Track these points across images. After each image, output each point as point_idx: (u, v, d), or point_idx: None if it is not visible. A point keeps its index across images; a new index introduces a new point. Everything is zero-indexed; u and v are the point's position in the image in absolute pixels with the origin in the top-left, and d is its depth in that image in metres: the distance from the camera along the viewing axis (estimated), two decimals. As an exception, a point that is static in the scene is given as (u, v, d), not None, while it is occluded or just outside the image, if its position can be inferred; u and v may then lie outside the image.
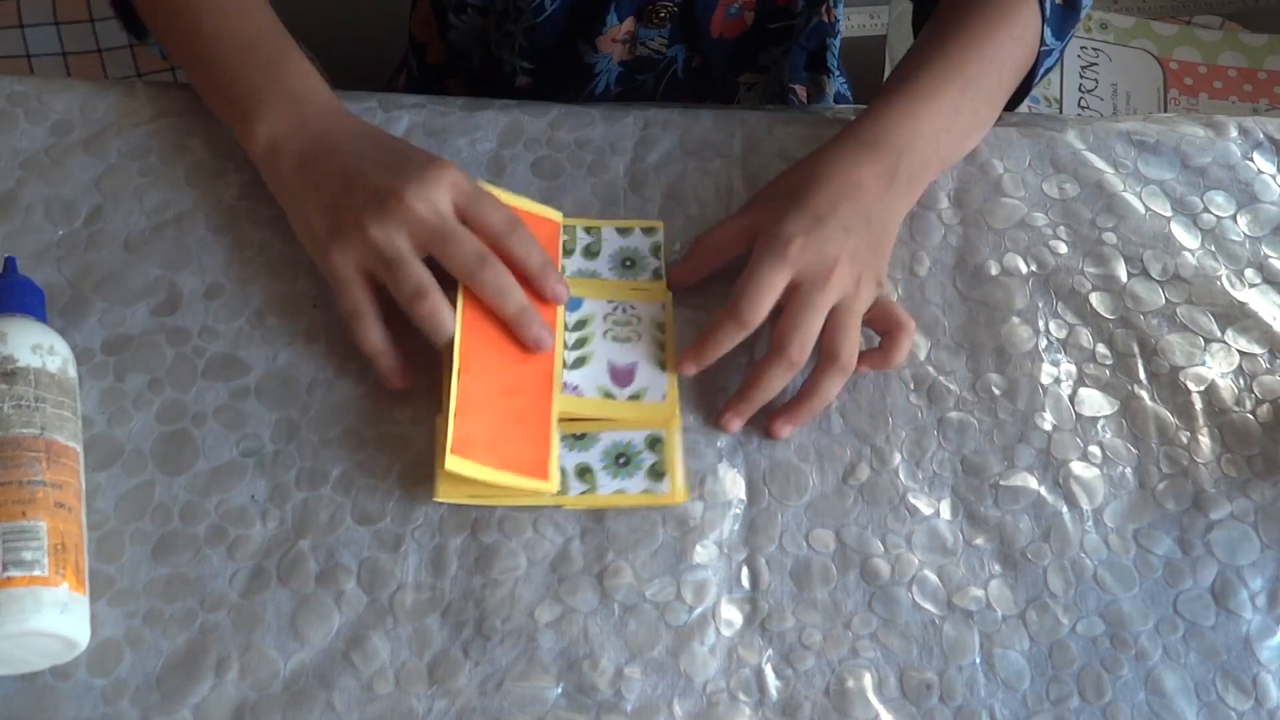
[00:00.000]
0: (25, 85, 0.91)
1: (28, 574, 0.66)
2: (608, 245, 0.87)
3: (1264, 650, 0.74)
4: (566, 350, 0.82)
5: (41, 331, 0.75)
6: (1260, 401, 0.84)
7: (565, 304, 0.83)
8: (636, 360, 0.82)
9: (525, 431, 0.77)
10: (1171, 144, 0.95)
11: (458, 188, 0.78)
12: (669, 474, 0.78)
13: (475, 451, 0.74)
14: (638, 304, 0.84)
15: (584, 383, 0.81)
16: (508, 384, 0.78)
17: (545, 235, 0.84)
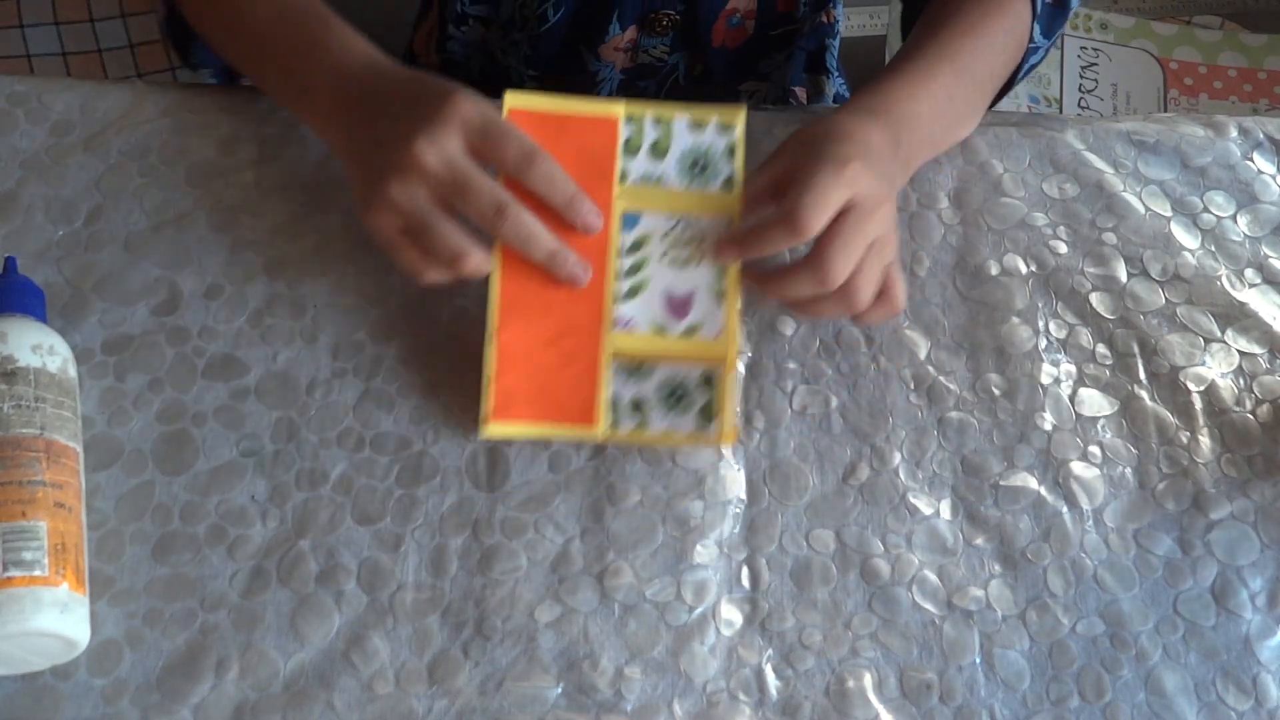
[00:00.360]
0: (25, 85, 0.91)
1: (28, 574, 0.66)
2: (677, 142, 0.80)
3: (1264, 650, 0.75)
4: (619, 280, 0.79)
5: (41, 331, 0.75)
6: (1260, 401, 0.84)
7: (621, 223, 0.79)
8: (694, 288, 0.79)
9: (572, 375, 0.77)
10: (1171, 144, 0.95)
11: (468, 125, 0.74)
12: (719, 416, 0.78)
13: (517, 409, 0.76)
14: (703, 218, 0.79)
15: (637, 315, 0.78)
16: (554, 329, 0.77)
17: (600, 142, 0.79)
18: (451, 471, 0.78)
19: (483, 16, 1.06)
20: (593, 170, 0.78)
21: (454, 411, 0.80)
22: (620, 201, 0.79)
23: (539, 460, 0.79)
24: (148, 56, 1.47)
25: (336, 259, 0.85)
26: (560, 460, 0.79)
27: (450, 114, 0.74)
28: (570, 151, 0.77)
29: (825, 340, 0.84)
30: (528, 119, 0.77)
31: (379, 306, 0.83)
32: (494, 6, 1.05)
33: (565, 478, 0.78)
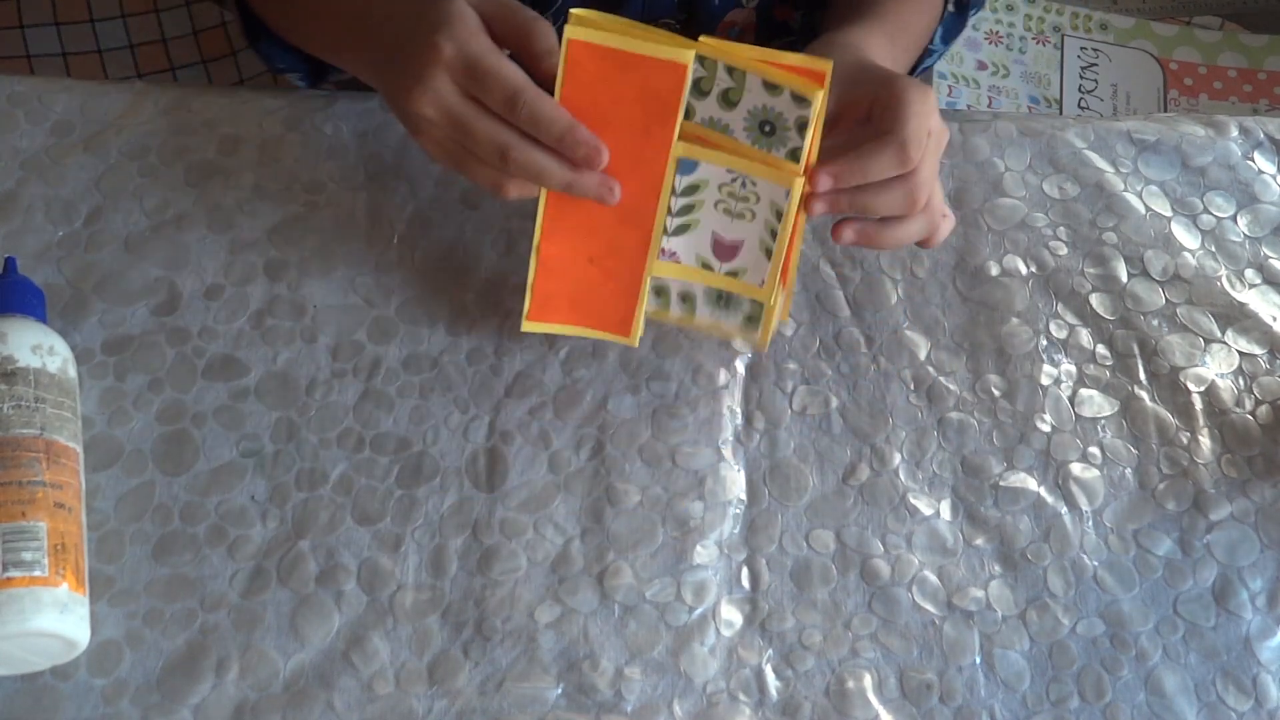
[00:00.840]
0: (25, 85, 0.91)
1: (28, 574, 0.66)
2: (750, 98, 0.74)
3: (1264, 651, 0.75)
4: (670, 216, 0.77)
5: (41, 332, 0.75)
6: (1260, 402, 0.84)
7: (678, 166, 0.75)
8: (743, 238, 0.77)
9: (613, 290, 0.78)
10: (1172, 143, 0.95)
11: (452, 69, 0.72)
12: (763, 325, 0.79)
13: (555, 312, 0.79)
14: (760, 181, 0.75)
15: (683, 250, 0.78)
16: (599, 248, 0.77)
17: (666, 85, 0.72)
18: (451, 472, 0.78)
19: None
20: (656, 110, 0.73)
21: (454, 412, 0.80)
22: (679, 145, 0.74)
23: (539, 461, 0.79)
24: (147, 57, 1.47)
25: (336, 260, 0.85)
26: (560, 461, 0.79)
27: (434, 61, 0.72)
28: (633, 90, 0.72)
29: (825, 341, 0.85)
30: (588, 52, 0.71)
31: (379, 307, 0.83)
32: None
33: (565, 478, 0.78)
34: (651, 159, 0.74)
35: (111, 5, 1.48)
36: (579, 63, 0.71)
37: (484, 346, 0.82)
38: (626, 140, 0.73)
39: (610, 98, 0.72)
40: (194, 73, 1.46)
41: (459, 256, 0.85)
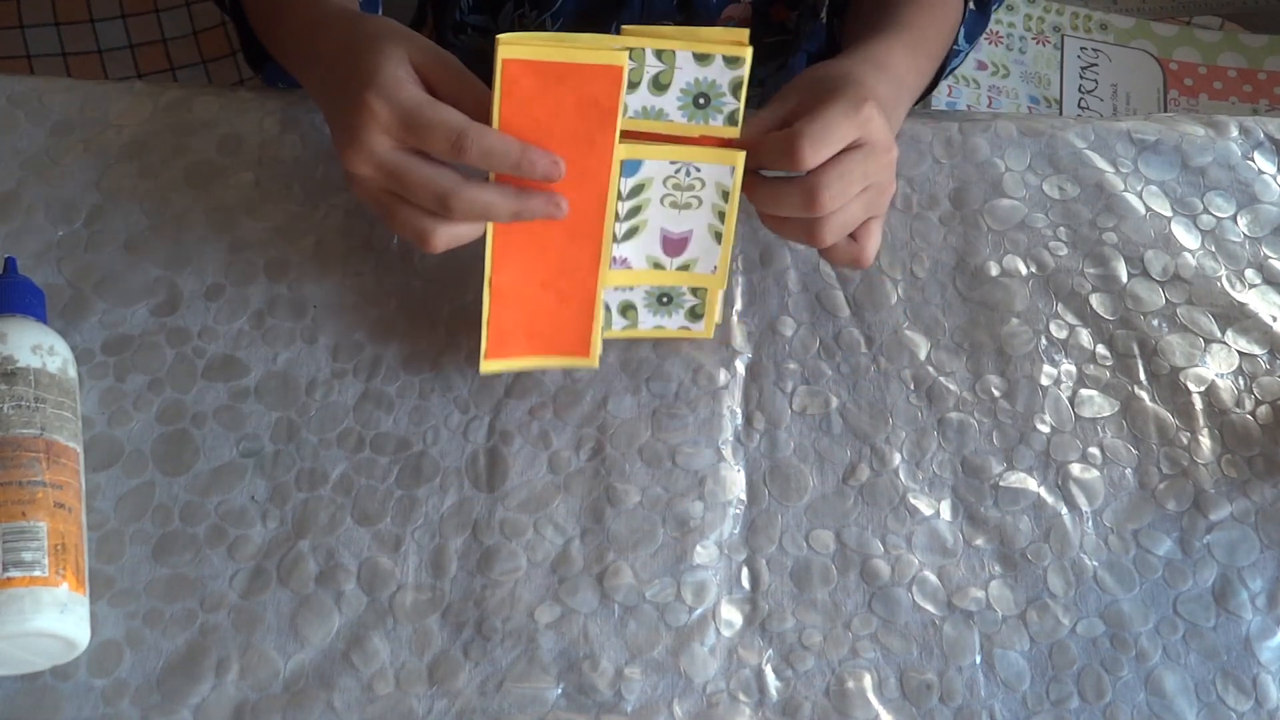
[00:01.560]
0: (26, 85, 0.92)
1: (28, 574, 0.66)
2: (681, 76, 0.73)
3: (1264, 651, 0.75)
4: (618, 222, 0.77)
5: (41, 332, 0.75)
6: (1260, 402, 0.84)
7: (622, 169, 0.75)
8: (692, 229, 0.78)
9: (568, 312, 0.78)
10: (1172, 143, 0.95)
11: (387, 126, 0.71)
12: (707, 316, 0.80)
13: (512, 345, 0.78)
14: (704, 166, 0.76)
15: (633, 254, 0.79)
16: (550, 271, 0.77)
17: (603, 89, 0.72)
18: (451, 472, 0.78)
19: (481, 26, 1.06)
20: (595, 117, 0.73)
21: (454, 412, 0.80)
22: (620, 147, 0.74)
23: (539, 461, 0.79)
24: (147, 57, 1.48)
25: (336, 260, 0.85)
26: (560, 461, 0.79)
27: (365, 121, 0.71)
28: (570, 100, 0.72)
29: (825, 341, 0.85)
30: (523, 70, 0.71)
31: (379, 307, 0.83)
32: (492, 16, 1.05)
33: (565, 478, 0.78)
34: (596, 168, 0.74)
35: (112, 6, 1.48)
36: (515, 81, 0.71)
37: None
38: (570, 153, 0.72)
39: (549, 112, 0.72)
40: (194, 73, 1.47)
41: (458, 257, 0.85)
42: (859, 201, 0.75)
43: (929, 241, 0.89)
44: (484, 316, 0.77)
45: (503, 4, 1.04)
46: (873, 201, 0.76)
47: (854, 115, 0.73)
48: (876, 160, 0.75)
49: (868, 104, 0.74)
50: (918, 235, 0.89)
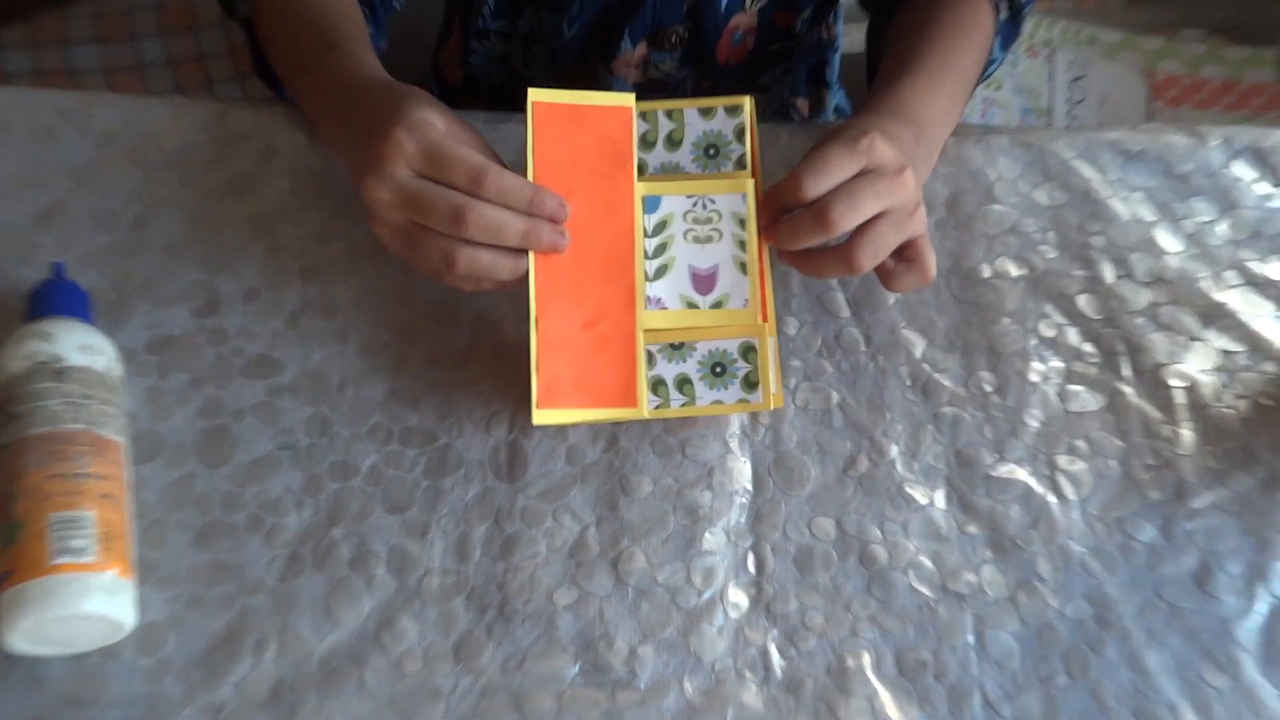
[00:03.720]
0: (72, 100, 0.92)
1: (77, 560, 0.67)
2: (690, 131, 0.79)
3: (1241, 631, 0.75)
4: (648, 260, 0.78)
5: (88, 332, 0.76)
6: (1240, 397, 0.84)
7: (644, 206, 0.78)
8: (718, 263, 0.78)
9: (611, 358, 0.77)
10: (1156, 152, 0.95)
11: (410, 159, 0.73)
12: (762, 383, 0.77)
13: (561, 397, 0.76)
14: (718, 197, 0.79)
15: (666, 294, 0.78)
16: (590, 313, 0.77)
17: (618, 129, 0.78)
18: (475, 464, 0.78)
19: (503, 32, 1.07)
20: (613, 155, 0.78)
21: (477, 407, 0.80)
22: (640, 184, 0.78)
23: (557, 453, 0.79)
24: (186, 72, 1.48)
25: (366, 264, 0.85)
26: (577, 453, 0.79)
27: (390, 151, 0.73)
28: (591, 139, 0.78)
29: (826, 340, 0.85)
30: (550, 112, 0.77)
31: (406, 308, 0.84)
32: (513, 22, 1.06)
33: (582, 470, 0.79)
34: (621, 204, 0.78)
35: (152, 23, 1.48)
36: (544, 122, 0.77)
37: (506, 344, 0.83)
38: (596, 191, 0.77)
39: (574, 152, 0.77)
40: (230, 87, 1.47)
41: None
42: (884, 224, 0.76)
43: (925, 245, 0.89)
44: (532, 362, 0.75)
45: (522, 10, 1.05)
46: (900, 223, 0.76)
47: (851, 147, 0.75)
48: (886, 182, 0.75)
49: (866, 136, 0.75)
50: (914, 240, 0.90)
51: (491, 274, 0.74)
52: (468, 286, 0.76)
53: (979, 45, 0.93)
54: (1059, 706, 0.72)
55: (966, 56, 0.92)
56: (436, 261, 0.74)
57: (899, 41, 0.94)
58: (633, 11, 1.02)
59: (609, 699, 0.71)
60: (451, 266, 0.73)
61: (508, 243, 0.73)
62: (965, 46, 0.92)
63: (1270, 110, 1.68)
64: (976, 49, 0.93)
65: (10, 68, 1.46)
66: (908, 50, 0.91)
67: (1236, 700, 0.72)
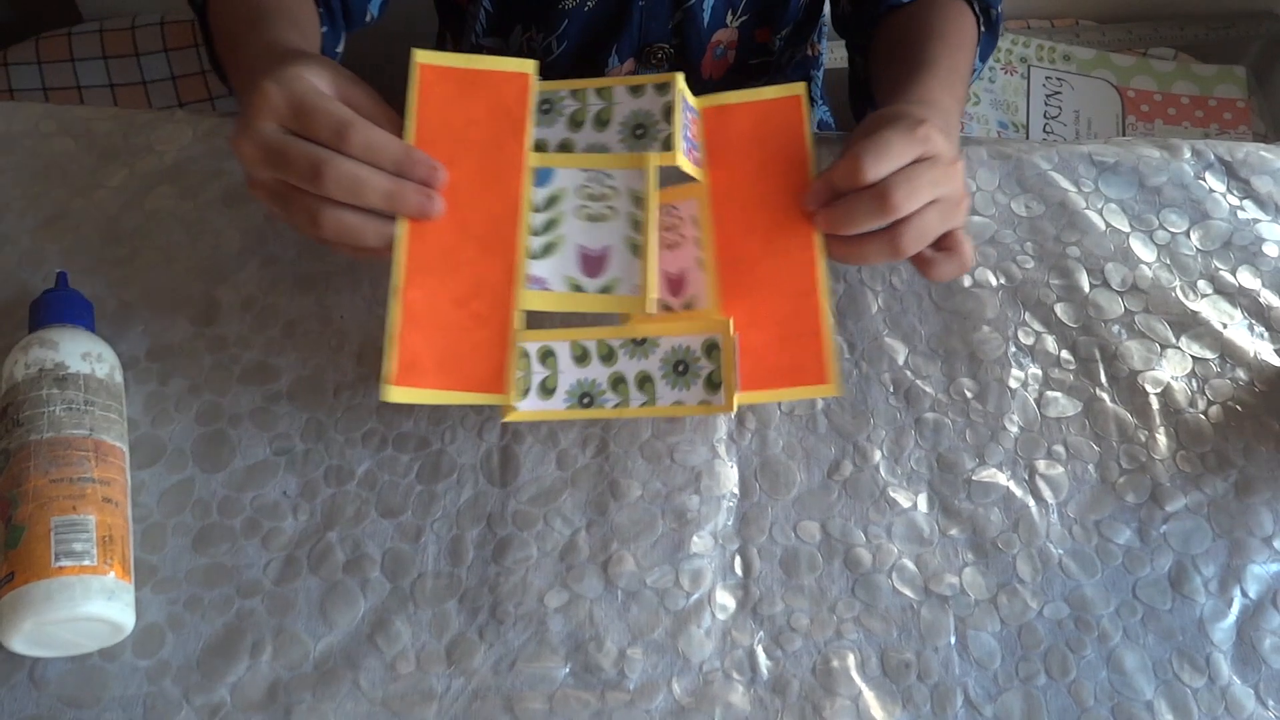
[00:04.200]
0: (76, 114, 0.92)
1: (78, 563, 0.66)
2: (619, 110, 0.72)
3: (1216, 632, 0.74)
4: (532, 236, 0.71)
5: (90, 340, 0.75)
6: (1212, 402, 0.84)
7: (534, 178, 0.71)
8: (609, 244, 0.71)
9: (483, 339, 0.70)
10: (1130, 165, 0.95)
11: (277, 112, 0.67)
12: (725, 384, 0.73)
13: (421, 376, 0.69)
14: (616, 173, 0.71)
15: (550, 275, 0.70)
16: (464, 288, 0.70)
17: (512, 96, 0.71)
18: (467, 468, 0.78)
19: (495, 49, 1.06)
20: (505, 123, 0.71)
21: (469, 413, 0.80)
22: (532, 155, 0.71)
23: (548, 458, 0.79)
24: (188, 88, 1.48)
25: (360, 274, 0.85)
26: (567, 458, 0.79)
27: (257, 103, 0.67)
28: (481, 106, 0.71)
29: (811, 347, 0.84)
30: (437, 75, 0.70)
31: (401, 317, 0.83)
32: (504, 39, 1.06)
33: (572, 474, 0.78)
34: (508, 175, 0.71)
35: (155, 41, 1.48)
36: (430, 86, 0.70)
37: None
38: (481, 159, 0.70)
39: (462, 119, 0.71)
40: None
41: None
42: (933, 211, 0.73)
43: (906, 255, 0.89)
44: (391, 334, 0.69)
45: (513, 28, 1.05)
46: (947, 212, 0.74)
47: (911, 134, 0.72)
48: (942, 170, 0.73)
49: (924, 125, 0.73)
50: (896, 250, 0.89)
51: (358, 238, 0.68)
52: (343, 251, 0.70)
53: (971, 51, 0.93)
54: (1039, 706, 0.71)
55: (965, 63, 0.91)
56: (304, 221, 0.68)
57: (904, 45, 0.92)
58: (620, 29, 1.01)
59: (599, 700, 0.70)
60: (317, 226, 0.67)
61: (370, 202, 0.67)
62: (963, 54, 0.92)
63: (1238, 125, 1.68)
64: (970, 55, 0.93)
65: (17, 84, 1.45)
66: (918, 52, 0.89)
67: (1212, 699, 0.72)
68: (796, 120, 0.76)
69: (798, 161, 0.75)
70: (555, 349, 0.75)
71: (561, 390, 0.75)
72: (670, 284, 0.76)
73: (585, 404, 0.75)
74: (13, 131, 0.90)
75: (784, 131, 0.75)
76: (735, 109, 0.76)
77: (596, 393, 0.75)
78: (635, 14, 1.01)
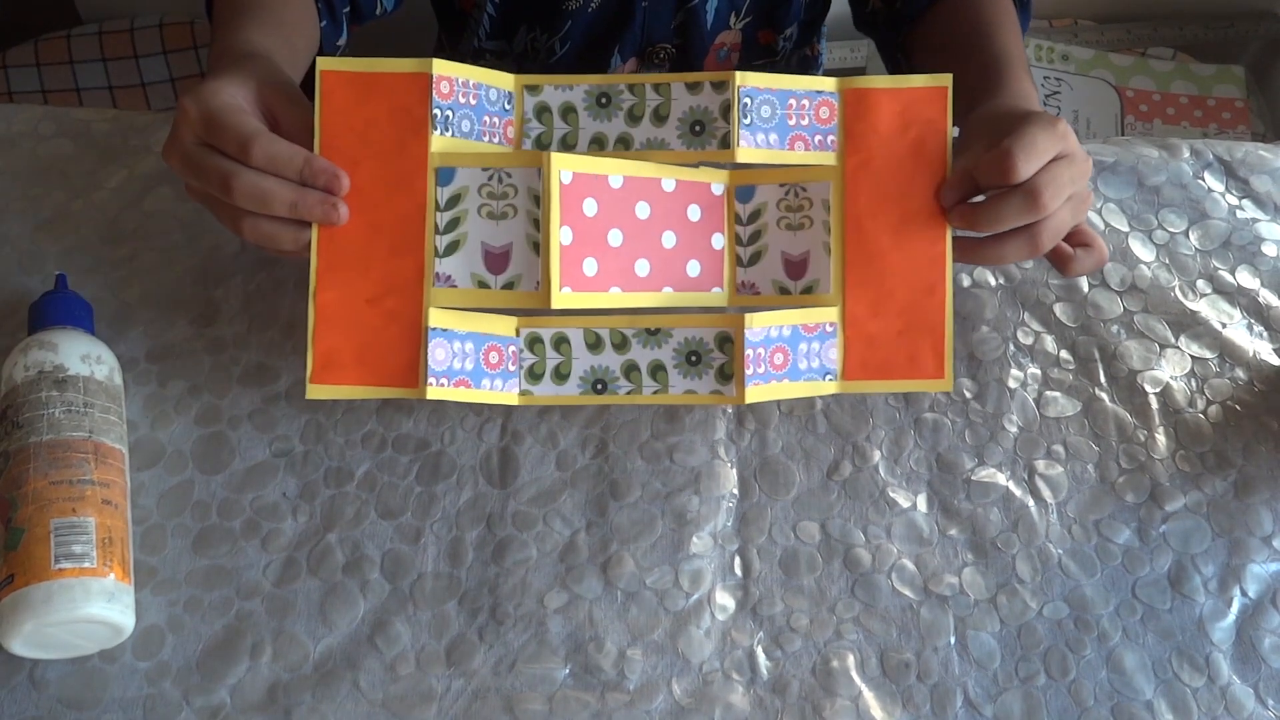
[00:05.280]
0: (75, 116, 0.92)
1: (78, 565, 0.66)
2: (677, 105, 0.74)
3: (1216, 631, 0.74)
4: (437, 235, 0.73)
5: (90, 342, 0.75)
6: (1211, 402, 0.84)
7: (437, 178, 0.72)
8: (510, 241, 0.72)
9: (395, 334, 0.72)
10: (1129, 165, 0.95)
11: (192, 125, 0.70)
12: (736, 376, 0.75)
13: (339, 373, 0.72)
14: (515, 171, 0.72)
15: (456, 271, 0.73)
16: (375, 288, 0.72)
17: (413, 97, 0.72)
18: (467, 469, 0.78)
19: (498, 51, 1.06)
20: (405, 124, 0.72)
21: (469, 414, 0.80)
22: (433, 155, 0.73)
23: (547, 459, 0.78)
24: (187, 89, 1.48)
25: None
26: (567, 459, 0.79)
27: (180, 118, 0.70)
28: (382, 108, 0.72)
29: (810, 347, 0.84)
30: (339, 80, 0.72)
31: (400, 318, 0.83)
32: (508, 42, 1.06)
33: (571, 475, 0.78)
34: (411, 175, 0.72)
35: (154, 43, 1.48)
36: (332, 91, 0.72)
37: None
38: (385, 162, 0.72)
39: (364, 121, 0.72)
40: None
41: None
42: (1066, 208, 0.74)
43: (905, 256, 0.89)
44: (309, 333, 0.73)
45: (517, 30, 1.04)
46: (1077, 207, 0.75)
47: (1052, 131, 0.73)
48: (1079, 168, 0.74)
49: (1060, 122, 0.74)
50: (895, 250, 0.89)
51: (276, 243, 0.72)
52: (269, 252, 0.74)
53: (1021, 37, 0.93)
54: (1039, 706, 0.71)
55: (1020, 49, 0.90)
56: (229, 226, 0.71)
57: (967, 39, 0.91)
58: (623, 30, 1.01)
59: (599, 700, 0.70)
60: (240, 231, 0.71)
61: (276, 212, 0.70)
62: (1019, 41, 0.91)
63: (1237, 124, 1.68)
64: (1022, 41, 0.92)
65: (16, 86, 1.45)
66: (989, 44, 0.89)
67: (1212, 699, 0.72)
68: (940, 111, 0.76)
69: (937, 154, 0.76)
70: (569, 335, 0.77)
71: (575, 376, 0.77)
72: (790, 267, 0.77)
73: (599, 390, 0.77)
74: (12, 133, 0.90)
75: (927, 122, 0.76)
76: (878, 94, 0.76)
77: (610, 379, 0.77)
78: (638, 14, 1.01)
